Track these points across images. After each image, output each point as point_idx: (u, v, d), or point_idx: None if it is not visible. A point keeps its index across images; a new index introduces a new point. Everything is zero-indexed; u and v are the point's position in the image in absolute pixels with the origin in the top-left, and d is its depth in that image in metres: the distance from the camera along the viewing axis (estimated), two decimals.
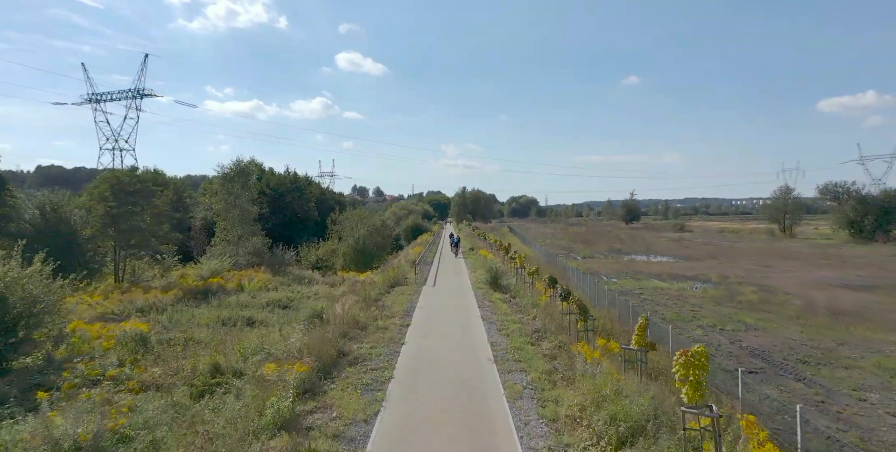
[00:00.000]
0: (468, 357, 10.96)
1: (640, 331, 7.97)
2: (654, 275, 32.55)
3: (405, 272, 26.45)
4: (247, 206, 33.02)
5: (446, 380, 9.34)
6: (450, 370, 9.94)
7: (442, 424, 7.30)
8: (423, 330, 13.70)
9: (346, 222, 34.74)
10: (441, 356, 11.06)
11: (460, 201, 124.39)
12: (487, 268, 22.26)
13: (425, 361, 10.72)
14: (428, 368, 10.20)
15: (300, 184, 48.22)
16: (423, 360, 10.79)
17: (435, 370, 9.99)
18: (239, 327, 16.17)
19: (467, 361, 10.67)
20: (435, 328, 13.99)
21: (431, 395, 8.52)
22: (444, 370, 9.96)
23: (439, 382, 9.24)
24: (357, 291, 19.61)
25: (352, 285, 27.13)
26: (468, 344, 12.13)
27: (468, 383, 9.16)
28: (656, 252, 52.04)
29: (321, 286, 27.80)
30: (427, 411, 7.79)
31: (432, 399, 8.35)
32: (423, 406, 7.97)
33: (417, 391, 8.77)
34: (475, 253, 37.78)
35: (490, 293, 20.06)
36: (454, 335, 13.11)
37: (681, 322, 18.29)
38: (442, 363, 10.47)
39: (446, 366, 10.27)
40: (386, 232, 36.70)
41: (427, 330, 13.70)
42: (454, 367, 10.19)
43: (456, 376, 9.60)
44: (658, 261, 43.35)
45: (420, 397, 8.45)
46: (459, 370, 10.01)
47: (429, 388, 8.89)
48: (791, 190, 70.01)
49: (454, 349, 11.62)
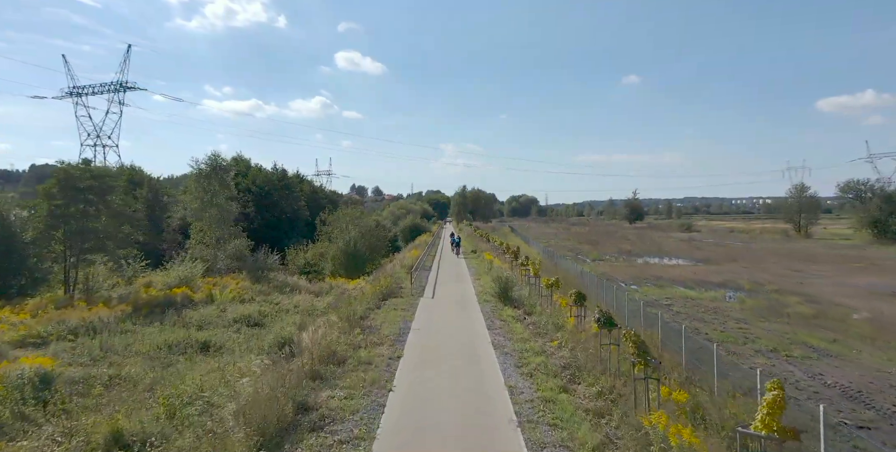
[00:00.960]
0: (481, 417, 7.76)
1: (773, 409, 4.80)
2: (677, 281, 29.39)
3: (400, 280, 23.27)
4: (225, 205, 29.81)
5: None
6: (456, 447, 6.74)
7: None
8: (417, 365, 10.51)
9: (337, 222, 31.59)
10: (442, 417, 7.85)
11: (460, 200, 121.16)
12: (495, 276, 19.06)
13: (420, 424, 7.53)
14: (423, 439, 7.01)
15: (289, 181, 44.91)
16: (416, 422, 7.60)
17: (433, 444, 6.80)
18: (189, 355, 12.98)
19: (480, 425, 7.47)
20: (433, 361, 10.79)
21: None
22: (448, 445, 6.77)
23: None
24: (341, 306, 16.41)
25: (339, 295, 23.98)
26: (479, 391, 8.94)
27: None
28: (669, 254, 48.90)
29: (305, 295, 24.62)
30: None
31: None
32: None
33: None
34: (478, 256, 34.60)
35: (499, 307, 16.88)
36: (459, 374, 9.92)
37: (731, 344, 15.12)
38: (444, 430, 7.27)
39: (450, 437, 7.07)
40: (380, 234, 33.57)
41: (423, 365, 10.51)
42: (462, 439, 6.99)
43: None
44: (674, 264, 40.18)
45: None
46: (471, 444, 6.81)
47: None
48: (806, 188, 66.95)
49: (461, 401, 8.43)
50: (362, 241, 30.57)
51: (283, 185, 43.15)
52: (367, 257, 31.70)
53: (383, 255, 40.09)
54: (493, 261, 26.68)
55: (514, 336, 12.94)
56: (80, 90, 68.48)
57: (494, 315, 15.65)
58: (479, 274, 25.48)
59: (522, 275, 21.68)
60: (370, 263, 33.64)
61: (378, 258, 33.96)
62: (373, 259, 33.59)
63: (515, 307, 16.91)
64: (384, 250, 35.46)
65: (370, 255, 32.58)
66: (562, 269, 27.70)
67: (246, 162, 43.96)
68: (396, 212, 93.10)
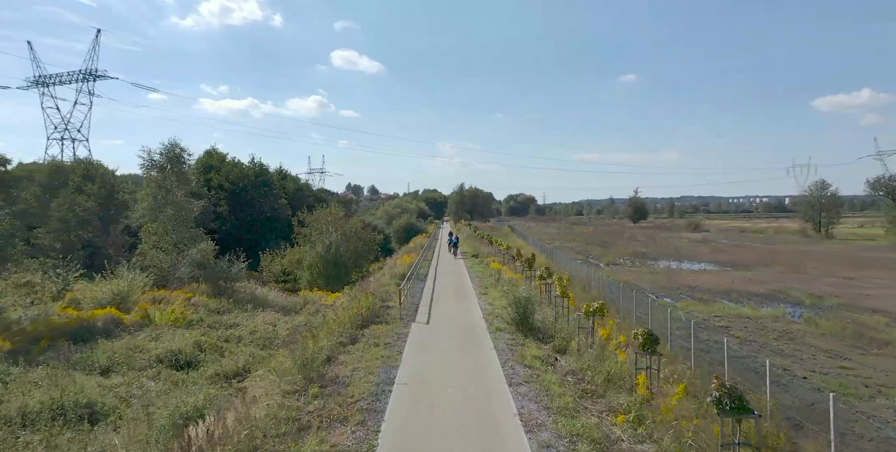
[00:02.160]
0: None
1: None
2: (716, 292, 25.00)
3: (388, 295, 18.80)
4: (184, 203, 25.24)
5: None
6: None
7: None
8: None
9: (316, 223, 27.08)
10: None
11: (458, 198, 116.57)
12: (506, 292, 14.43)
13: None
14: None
15: (268, 177, 40.14)
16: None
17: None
18: (56, 431, 8.43)
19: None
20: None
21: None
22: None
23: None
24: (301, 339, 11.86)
25: (313, 313, 19.53)
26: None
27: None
28: (689, 257, 44.57)
29: (271, 313, 20.10)
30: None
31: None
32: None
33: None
34: (480, 262, 30.06)
35: (518, 341, 12.40)
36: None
37: (851, 397, 10.70)
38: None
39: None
40: (368, 236, 29.06)
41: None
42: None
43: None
44: (700, 270, 35.80)
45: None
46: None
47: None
48: (828, 185, 62.61)
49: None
50: (346, 245, 26.04)
51: (262, 181, 38.41)
52: (353, 263, 27.17)
53: (373, 259, 35.60)
54: (501, 271, 22.19)
55: (552, 400, 8.45)
56: (47, 80, 63.21)
57: (514, 355, 11.16)
58: (485, 287, 20.99)
59: (541, 290, 17.19)
60: (356, 270, 29.10)
61: (366, 265, 29.42)
62: (360, 265, 29.04)
63: (540, 341, 12.43)
64: (373, 255, 30.93)
65: (357, 261, 28.04)
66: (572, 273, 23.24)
67: (221, 155, 39.23)
68: (391, 211, 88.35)
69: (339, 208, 27.97)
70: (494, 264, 23.48)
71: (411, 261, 26.32)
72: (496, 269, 22.50)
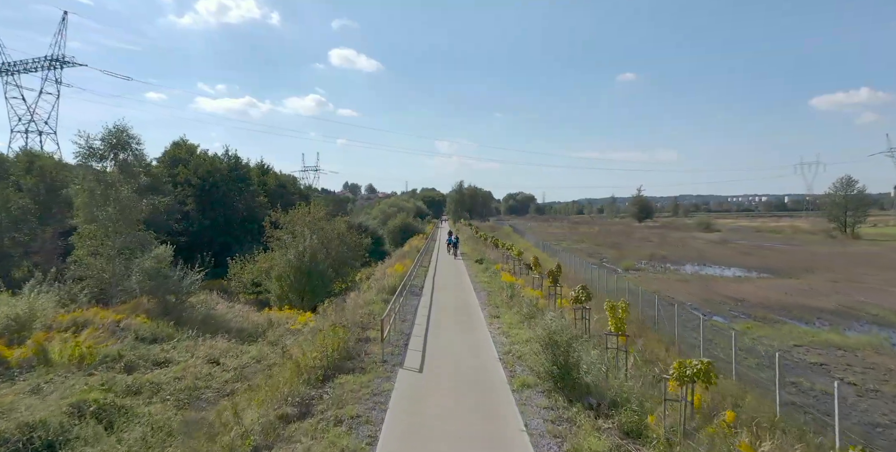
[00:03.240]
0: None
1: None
2: (774, 307, 20.67)
3: (371, 318, 14.41)
4: (128, 200, 20.79)
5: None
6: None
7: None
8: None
9: (292, 225, 22.60)
10: None
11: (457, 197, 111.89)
12: (543, 335, 9.94)
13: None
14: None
15: (244, 172, 35.42)
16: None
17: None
18: None
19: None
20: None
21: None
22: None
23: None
24: (216, 415, 7.45)
25: (272, 344, 15.20)
26: None
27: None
28: (715, 261, 40.24)
29: (222, 341, 15.64)
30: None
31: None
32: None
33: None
34: (486, 270, 25.61)
35: (563, 416, 7.96)
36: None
37: None
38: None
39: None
40: (353, 240, 24.61)
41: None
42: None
43: None
44: (737, 277, 31.44)
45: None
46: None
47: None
48: (854, 182, 58.23)
49: None
50: (327, 251, 21.54)
51: (236, 176, 33.72)
52: (335, 272, 22.69)
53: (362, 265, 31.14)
54: (515, 285, 17.75)
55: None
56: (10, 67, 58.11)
57: (561, 450, 6.73)
58: (495, 305, 16.57)
59: (574, 316, 12.73)
60: (340, 279, 24.63)
61: (351, 273, 24.94)
62: (344, 274, 24.55)
63: (590, 409, 8.00)
64: (360, 261, 26.45)
65: (340, 269, 23.56)
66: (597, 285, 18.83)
67: (191, 147, 34.53)
68: (387, 210, 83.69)
69: (321, 207, 23.47)
70: (506, 276, 19.04)
71: (404, 270, 21.88)
72: (508, 281, 18.06)
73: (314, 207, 23.73)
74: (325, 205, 27.69)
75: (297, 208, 23.73)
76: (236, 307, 20.58)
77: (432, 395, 8.71)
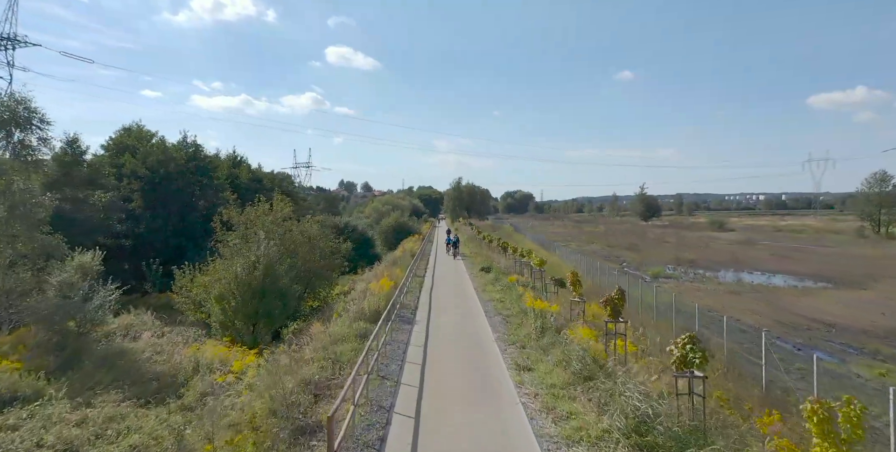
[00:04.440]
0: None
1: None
2: (879, 336, 15.60)
3: (335, 373, 9.25)
4: (22, 197, 15.54)
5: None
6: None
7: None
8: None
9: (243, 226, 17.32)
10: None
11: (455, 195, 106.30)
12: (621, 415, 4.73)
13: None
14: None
15: (206, 162, 29.75)
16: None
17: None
18: None
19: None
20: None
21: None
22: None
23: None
24: None
25: (176, 412, 10.07)
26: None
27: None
28: (754, 266, 35.18)
29: (115, 404, 10.44)
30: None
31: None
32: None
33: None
34: (496, 281, 20.40)
35: None
36: None
37: None
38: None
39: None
40: (327, 246, 19.33)
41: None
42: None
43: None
44: (802, 289, 26.30)
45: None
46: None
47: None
48: (890, 177, 53.34)
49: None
50: (292, 261, 16.24)
51: (196, 167, 28.19)
52: (304, 288, 17.43)
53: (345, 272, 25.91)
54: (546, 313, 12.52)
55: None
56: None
57: None
58: (521, 345, 11.36)
59: (671, 386, 7.56)
60: (311, 296, 19.37)
61: (325, 288, 19.65)
62: (314, 290, 19.27)
63: None
64: (338, 272, 21.18)
65: (310, 283, 18.30)
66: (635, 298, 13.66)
67: (144, 133, 29.02)
68: (381, 208, 78.28)
69: (285, 204, 18.15)
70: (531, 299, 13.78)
71: (392, 285, 16.65)
72: (535, 308, 12.84)
73: (277, 203, 18.43)
74: (316, 202, 22.24)
75: (255, 205, 18.41)
76: (164, 339, 15.30)
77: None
